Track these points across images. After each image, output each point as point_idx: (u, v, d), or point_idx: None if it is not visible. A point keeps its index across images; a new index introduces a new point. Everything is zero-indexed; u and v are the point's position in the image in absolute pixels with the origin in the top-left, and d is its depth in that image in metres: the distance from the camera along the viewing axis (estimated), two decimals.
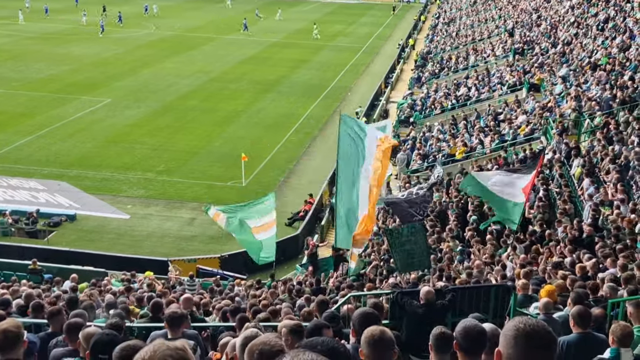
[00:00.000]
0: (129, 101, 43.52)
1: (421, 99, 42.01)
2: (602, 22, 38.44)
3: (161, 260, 23.63)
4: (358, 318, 5.36)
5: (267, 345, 3.19)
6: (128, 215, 27.83)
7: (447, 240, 18.14)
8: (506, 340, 2.76)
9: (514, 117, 30.49)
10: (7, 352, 4.31)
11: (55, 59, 54.18)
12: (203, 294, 16.47)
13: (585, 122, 24.11)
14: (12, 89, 44.99)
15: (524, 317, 2.84)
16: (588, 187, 17.71)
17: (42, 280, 19.18)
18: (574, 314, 6.21)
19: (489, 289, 10.19)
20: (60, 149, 34.56)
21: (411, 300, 8.91)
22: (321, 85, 49.95)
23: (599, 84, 27.24)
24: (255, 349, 3.18)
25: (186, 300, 9.73)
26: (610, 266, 11.10)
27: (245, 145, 34.19)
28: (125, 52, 58.38)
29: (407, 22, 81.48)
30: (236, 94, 46.35)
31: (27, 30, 65.38)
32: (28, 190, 29.35)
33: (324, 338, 3.76)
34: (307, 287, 16.06)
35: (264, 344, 3.20)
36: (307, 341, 3.75)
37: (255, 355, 3.15)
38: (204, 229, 26.94)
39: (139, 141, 36.14)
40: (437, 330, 4.82)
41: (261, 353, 3.15)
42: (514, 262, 13.83)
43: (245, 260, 21.96)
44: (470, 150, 28.85)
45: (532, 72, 36.48)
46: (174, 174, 31.89)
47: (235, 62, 56.32)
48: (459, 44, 57.08)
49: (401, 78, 54.22)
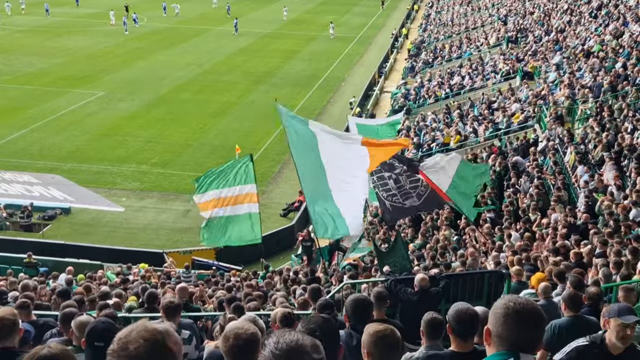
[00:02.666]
0: (122, 94, 43.37)
1: (415, 88, 42.00)
2: (595, 10, 38.45)
3: (156, 252, 23.62)
4: (351, 304, 5.39)
5: (240, 329, 3.22)
6: (123, 208, 27.80)
7: (442, 228, 18.22)
8: (495, 318, 2.78)
9: (507, 105, 30.52)
10: (3, 339, 4.43)
11: (47, 52, 53.91)
12: (199, 284, 16.47)
13: (578, 109, 24.17)
14: (4, 82, 44.77)
15: (514, 296, 2.86)
16: (582, 174, 17.78)
17: (38, 273, 19.18)
18: (565, 297, 6.25)
19: (483, 276, 10.25)
20: (53, 142, 34.46)
21: (405, 288, 8.95)
22: (315, 75, 49.87)
23: (592, 71, 27.28)
24: (230, 334, 3.20)
25: (182, 289, 9.74)
26: (604, 251, 11.15)
27: (239, 137, 34.14)
28: (117, 45, 58.10)
29: (401, 12, 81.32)
30: (229, 86, 46.24)
31: (17, 24, 64.98)
32: (22, 184, 29.27)
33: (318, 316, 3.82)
34: (302, 277, 16.09)
35: (237, 328, 3.23)
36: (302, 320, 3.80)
37: (231, 340, 3.18)
38: (198, 221, 26.65)
39: (132, 134, 36.05)
40: (428, 315, 4.85)
41: (236, 337, 3.17)
42: (506, 249, 13.88)
43: (241, 251, 22.00)
44: (464, 139, 28.89)
45: (526, 60, 36.49)
46: (168, 167, 31.85)
47: (227, 54, 56.13)
48: (452, 33, 57.03)
49: (395, 68, 54.17)
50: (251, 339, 3.15)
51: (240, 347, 3.14)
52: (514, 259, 11.78)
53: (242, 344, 3.15)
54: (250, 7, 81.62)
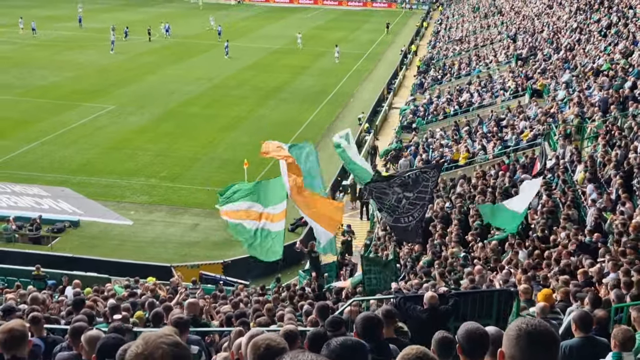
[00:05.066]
0: (132, 108, 43.65)
1: (423, 105, 42.07)
2: (604, 28, 38.47)
3: (164, 266, 23.65)
4: (361, 322, 5.38)
5: (273, 341, 3.32)
6: (131, 221, 27.88)
7: (450, 245, 18.16)
8: (509, 340, 2.79)
9: (516, 122, 30.50)
10: (13, 350, 4.60)
11: (58, 65, 54.38)
12: (206, 299, 16.46)
13: (588, 127, 24.12)
14: (16, 95, 45.15)
15: (527, 318, 2.87)
16: (591, 192, 17.71)
17: (46, 286, 19.23)
18: (575, 318, 6.22)
19: (492, 294, 10.22)
20: (63, 155, 34.67)
21: (414, 306, 8.92)
22: (324, 91, 50.05)
23: (602, 89, 27.26)
24: (262, 343, 3.30)
25: (192, 304, 9.75)
26: (613, 271, 11.09)
27: (248, 152, 34.21)
28: (128, 60, 58.56)
29: (410, 29, 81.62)
30: (239, 101, 46.46)
31: (29, 38, 65.58)
32: (32, 197, 29.43)
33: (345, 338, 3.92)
34: (310, 293, 16.06)
35: (271, 340, 3.33)
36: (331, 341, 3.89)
37: (262, 349, 3.27)
38: (207, 235, 27.00)
39: (142, 147, 36.23)
40: (438, 334, 4.83)
41: (268, 347, 3.27)
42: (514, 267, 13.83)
43: (248, 266, 22.00)
44: (472, 156, 28.86)
45: (535, 78, 36.50)
46: (177, 180, 31.96)
47: (237, 69, 56.46)
48: (461, 50, 57.18)
49: (404, 84, 54.32)
50: (280, 353, 3.21)
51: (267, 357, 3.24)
52: (523, 277, 11.73)
53: (271, 356, 3.22)
54: (260, 24, 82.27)
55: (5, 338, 4.53)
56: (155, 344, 2.46)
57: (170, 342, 2.48)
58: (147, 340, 2.48)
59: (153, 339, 2.48)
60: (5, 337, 4.53)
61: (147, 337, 2.50)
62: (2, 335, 4.54)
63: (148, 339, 2.49)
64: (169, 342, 2.47)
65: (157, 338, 2.48)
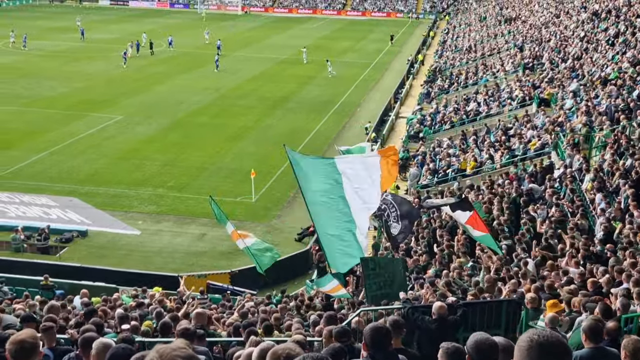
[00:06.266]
0: (140, 118, 43.84)
1: (430, 114, 42.06)
2: (612, 37, 38.42)
3: (172, 275, 23.65)
4: (369, 332, 5.37)
5: (293, 351, 3.34)
6: (139, 231, 27.94)
7: (458, 255, 18.10)
8: (520, 351, 2.78)
9: (524, 132, 30.45)
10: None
11: (67, 76, 54.72)
12: (214, 309, 16.44)
13: (596, 137, 24.05)
14: (24, 106, 45.43)
15: (538, 330, 2.86)
16: (600, 202, 17.64)
17: (54, 296, 19.24)
18: (585, 328, 6.18)
19: (500, 304, 10.17)
20: (72, 165, 34.82)
21: (423, 316, 8.89)
22: (330, 101, 50.13)
23: (610, 98, 27.20)
24: (282, 353, 3.35)
25: (199, 314, 9.75)
26: (625, 281, 11.03)
27: (255, 161, 34.32)
28: (135, 70, 58.87)
29: (417, 38, 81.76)
30: (246, 110, 46.59)
31: (37, 48, 66.01)
32: (40, 207, 29.54)
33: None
34: (318, 303, 16.01)
35: (291, 350, 3.36)
36: None
37: (282, 358, 3.33)
38: (214, 245, 27.02)
39: (149, 157, 36.35)
40: (447, 345, 4.81)
41: (288, 357, 3.32)
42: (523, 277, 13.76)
43: (255, 275, 21.97)
44: (480, 165, 28.82)
45: (542, 87, 36.46)
46: (185, 190, 32.03)
47: (244, 79, 56.66)
48: (468, 59, 57.21)
49: (410, 93, 54.34)
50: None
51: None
52: (531, 287, 11.67)
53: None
54: (266, 34, 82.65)
55: (15, 349, 4.51)
56: (170, 357, 2.46)
57: (185, 356, 2.48)
58: (162, 353, 2.49)
59: (168, 351, 2.49)
60: (15, 347, 4.52)
61: (161, 350, 2.51)
62: (12, 346, 4.52)
63: (163, 352, 2.50)
64: (183, 356, 2.48)
65: (171, 351, 2.49)
